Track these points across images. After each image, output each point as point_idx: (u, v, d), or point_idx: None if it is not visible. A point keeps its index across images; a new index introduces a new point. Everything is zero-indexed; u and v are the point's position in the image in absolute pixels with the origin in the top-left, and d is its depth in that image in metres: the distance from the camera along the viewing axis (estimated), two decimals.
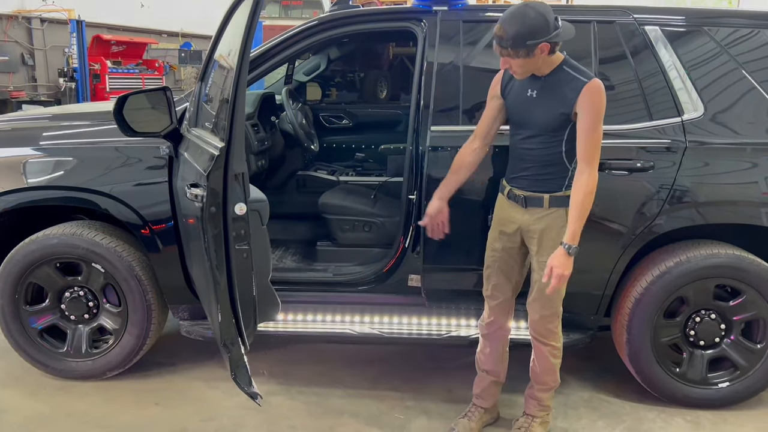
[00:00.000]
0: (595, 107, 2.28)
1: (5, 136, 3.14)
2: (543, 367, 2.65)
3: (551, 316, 2.56)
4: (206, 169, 2.08)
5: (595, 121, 2.29)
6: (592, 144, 2.30)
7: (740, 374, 2.89)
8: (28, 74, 12.39)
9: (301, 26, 2.98)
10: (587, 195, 2.31)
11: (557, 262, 2.33)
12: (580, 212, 2.32)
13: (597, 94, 2.28)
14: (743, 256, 2.79)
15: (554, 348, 2.62)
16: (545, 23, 2.23)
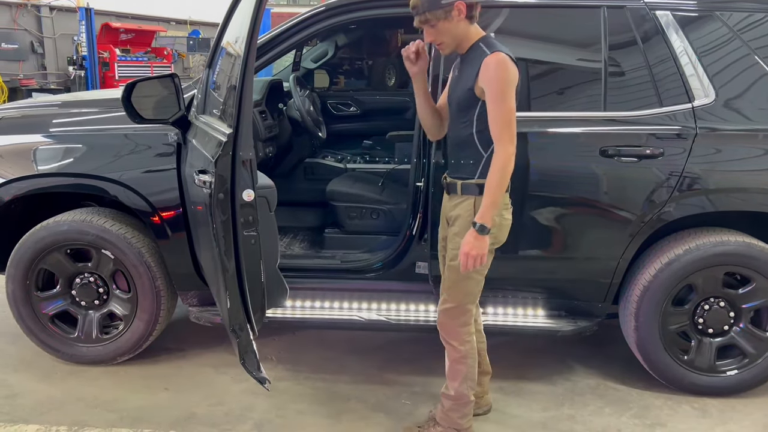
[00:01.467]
0: (495, 80, 2.15)
1: (15, 123, 3.16)
2: (448, 367, 2.51)
3: (454, 311, 2.41)
4: (214, 155, 2.08)
5: (497, 95, 2.15)
6: (499, 119, 2.16)
7: (749, 362, 2.88)
8: (37, 62, 12.44)
9: (308, 12, 2.96)
10: (496, 172, 2.17)
11: (466, 241, 2.21)
12: (489, 190, 2.18)
13: (495, 66, 2.15)
14: (753, 244, 2.77)
15: (455, 350, 2.45)
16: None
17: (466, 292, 2.39)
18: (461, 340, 2.45)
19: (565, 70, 2.90)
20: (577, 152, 2.81)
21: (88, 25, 11.37)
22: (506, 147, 2.17)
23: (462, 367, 2.47)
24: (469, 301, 2.41)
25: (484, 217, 2.19)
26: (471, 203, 2.30)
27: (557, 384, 3.06)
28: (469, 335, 2.46)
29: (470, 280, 2.36)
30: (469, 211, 2.31)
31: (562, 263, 2.92)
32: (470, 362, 2.47)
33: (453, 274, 2.37)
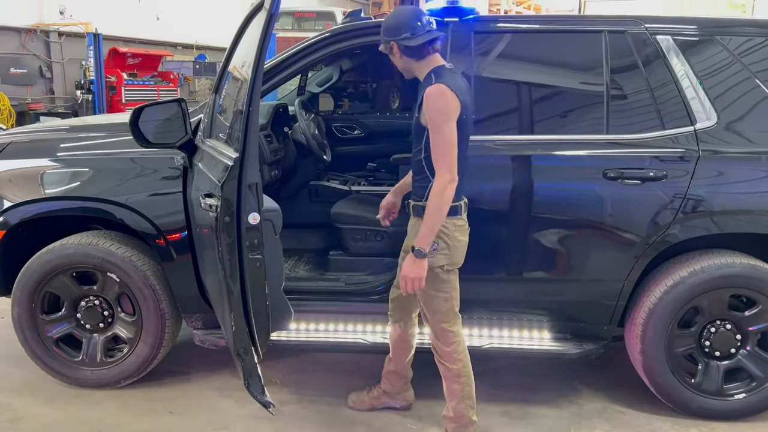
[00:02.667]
0: (434, 111, 2.26)
1: (24, 147, 3.20)
2: (445, 388, 2.60)
3: (436, 332, 2.51)
4: (221, 179, 2.10)
5: (435, 125, 2.26)
6: (436, 149, 2.27)
7: (757, 386, 2.86)
8: (45, 86, 12.58)
9: (314, 38, 3.01)
10: (433, 199, 2.27)
11: (406, 265, 2.33)
12: (427, 216, 2.29)
13: (434, 97, 2.26)
14: (758, 266, 2.77)
15: (447, 369, 2.53)
16: (396, 26, 2.36)
17: (434, 310, 2.47)
18: (452, 359, 2.52)
19: (568, 94, 2.93)
20: (581, 175, 2.83)
21: (96, 50, 11.52)
22: (443, 175, 2.26)
23: (456, 386, 2.53)
24: (440, 319, 2.48)
25: (420, 242, 2.29)
26: (416, 223, 2.43)
27: (563, 407, 3.04)
28: (459, 353, 2.52)
29: (434, 299, 2.45)
30: (413, 233, 2.44)
31: (568, 285, 2.92)
32: (464, 380, 2.52)
33: (420, 296, 2.48)
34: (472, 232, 2.83)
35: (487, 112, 2.86)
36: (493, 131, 2.88)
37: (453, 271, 2.46)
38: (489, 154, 2.82)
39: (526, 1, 21.41)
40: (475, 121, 2.83)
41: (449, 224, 2.38)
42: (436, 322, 2.50)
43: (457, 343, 2.52)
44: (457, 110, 2.28)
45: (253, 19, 2.50)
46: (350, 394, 3.01)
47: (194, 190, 2.74)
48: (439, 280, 2.44)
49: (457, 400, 2.53)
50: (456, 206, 2.38)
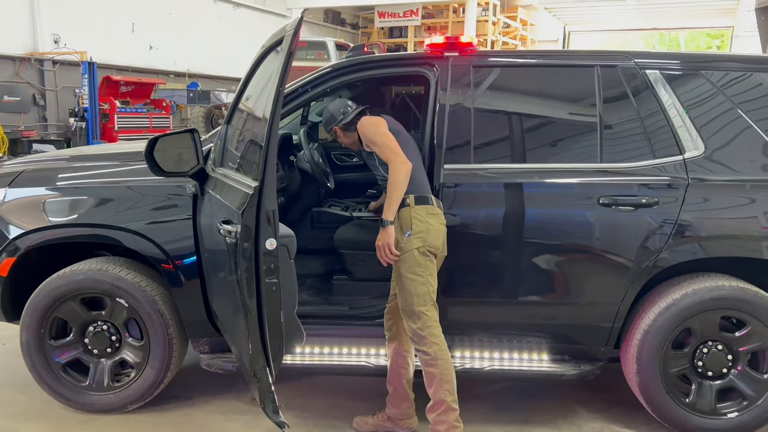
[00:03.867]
0: (363, 134, 2.85)
1: (37, 176, 3.26)
2: (424, 374, 2.77)
3: (411, 316, 2.71)
4: (240, 206, 2.20)
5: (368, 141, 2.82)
6: (380, 152, 2.76)
7: (748, 404, 2.95)
8: (38, 114, 12.64)
9: (321, 71, 3.14)
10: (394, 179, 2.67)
11: (378, 239, 2.69)
12: (388, 193, 2.69)
13: (360, 128, 2.88)
14: (747, 288, 2.89)
15: (424, 353, 2.72)
16: (330, 116, 3.00)
17: (411, 293, 2.69)
18: (427, 343, 2.69)
19: (563, 125, 3.08)
20: (577, 202, 2.96)
21: (91, 79, 11.64)
22: (395, 163, 2.68)
23: (433, 369, 2.69)
24: (417, 302, 2.69)
25: (387, 215, 2.68)
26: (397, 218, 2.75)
27: (562, 428, 3.11)
28: (435, 337, 2.70)
29: (411, 281, 2.69)
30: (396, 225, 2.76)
31: (565, 308, 3.02)
32: (441, 364, 2.69)
33: (397, 281, 2.76)
34: (473, 256, 2.94)
35: (486, 141, 2.99)
36: (494, 160, 3.01)
37: (429, 256, 2.71)
38: (490, 182, 2.94)
39: (513, 32, 21.90)
40: (476, 149, 2.98)
41: (420, 210, 2.72)
42: (413, 305, 2.69)
43: (433, 326, 2.70)
44: (377, 122, 2.83)
45: (268, 56, 2.62)
46: (355, 418, 3.07)
47: (205, 217, 2.83)
48: (415, 262, 2.68)
49: (435, 384, 2.69)
50: (424, 197, 2.75)
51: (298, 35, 2.19)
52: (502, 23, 21.02)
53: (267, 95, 2.24)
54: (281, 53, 2.23)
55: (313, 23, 21.00)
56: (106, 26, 13.82)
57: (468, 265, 2.98)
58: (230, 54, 17.08)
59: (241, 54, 17.08)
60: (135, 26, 14.52)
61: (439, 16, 21.34)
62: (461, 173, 2.97)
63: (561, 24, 24.40)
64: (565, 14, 23.38)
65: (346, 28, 22.86)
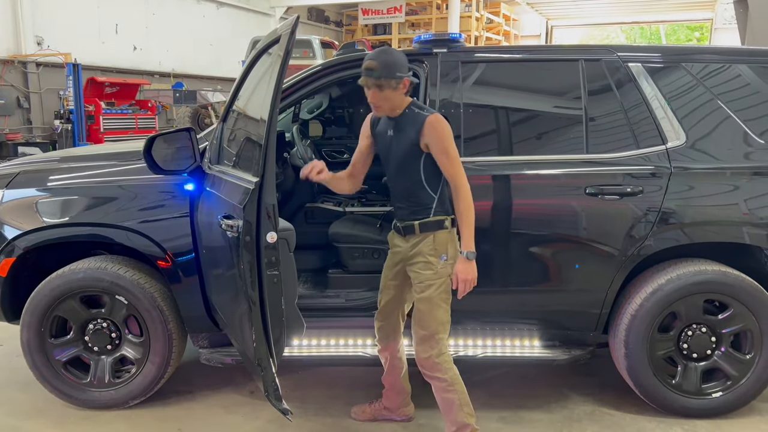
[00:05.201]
0: (441, 137, 2.52)
1: (35, 177, 3.29)
2: (440, 403, 2.69)
3: (429, 342, 2.62)
4: (241, 202, 2.26)
5: (443, 147, 2.52)
6: (450, 165, 2.53)
7: (732, 384, 3.07)
8: (23, 117, 12.55)
9: (312, 69, 3.21)
10: (467, 207, 2.52)
11: (460, 268, 2.53)
12: (466, 223, 2.53)
13: (438, 124, 2.53)
14: (729, 272, 3.00)
15: (440, 380, 2.64)
16: (406, 63, 2.56)
17: (439, 320, 2.61)
18: (443, 369, 2.63)
19: (550, 117, 3.18)
20: (565, 192, 3.05)
21: (76, 80, 11.57)
22: (465, 185, 2.53)
23: (452, 395, 2.63)
24: (442, 329, 2.62)
25: (468, 245, 2.52)
26: (430, 239, 2.60)
27: (555, 411, 3.21)
28: (449, 363, 2.65)
29: (440, 309, 2.61)
30: (430, 247, 2.60)
31: (555, 295, 3.11)
32: (459, 388, 2.64)
33: (423, 305, 2.62)
34: None
35: (475, 135, 3.08)
36: (483, 153, 3.09)
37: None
38: (479, 174, 3.02)
39: (496, 27, 22.02)
40: (465, 143, 3.06)
41: (453, 234, 2.61)
42: (436, 332, 2.62)
43: (447, 352, 2.66)
44: (452, 131, 2.57)
45: (263, 56, 2.68)
46: (353, 407, 3.14)
47: (204, 213, 2.88)
48: (447, 290, 2.62)
49: (456, 409, 2.63)
50: (455, 218, 2.60)
51: (294, 34, 2.25)
52: (485, 19, 21.13)
53: (264, 94, 2.31)
54: (279, 51, 2.30)
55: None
56: (90, 27, 13.73)
57: None
58: (215, 53, 17.04)
59: (226, 53, 17.08)
60: (119, 27, 14.43)
61: (422, 12, 21.42)
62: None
63: (543, 19, 24.58)
64: (548, 9, 23.56)
65: (330, 26, 22.85)
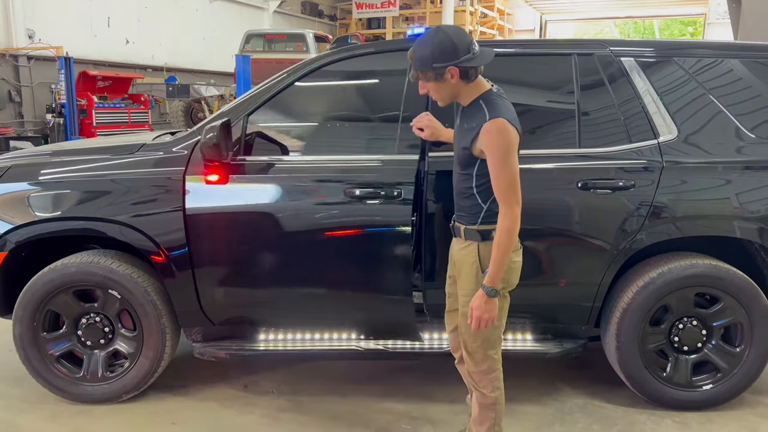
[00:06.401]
0: (495, 146, 2.17)
1: (26, 170, 3.27)
2: (476, 412, 2.51)
3: (476, 357, 2.40)
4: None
5: (498, 160, 2.18)
6: (503, 183, 2.19)
7: (722, 376, 3.10)
8: (14, 111, 12.48)
9: (305, 62, 3.20)
10: (504, 235, 2.20)
11: (475, 304, 2.24)
12: (497, 253, 2.21)
13: (495, 133, 2.17)
14: (719, 266, 3.02)
15: (483, 396, 2.44)
16: (452, 47, 2.16)
17: (484, 338, 2.38)
18: (491, 387, 2.43)
19: (543, 111, 3.18)
20: (558, 186, 3.05)
21: (68, 74, 11.50)
22: (513, 209, 2.20)
23: (491, 413, 2.46)
24: (488, 347, 2.39)
25: (493, 281, 2.22)
26: (474, 249, 2.35)
27: (547, 404, 3.23)
28: (498, 381, 2.44)
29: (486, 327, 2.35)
30: (471, 256, 2.35)
31: (547, 289, 3.12)
32: (499, 408, 2.46)
33: (465, 321, 2.36)
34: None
35: None
36: None
37: (507, 297, 2.41)
38: None
39: (490, 21, 22.02)
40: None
41: None
42: (485, 349, 2.39)
43: (499, 370, 2.44)
44: (517, 141, 2.22)
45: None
46: None
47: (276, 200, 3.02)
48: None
49: (488, 426, 2.47)
50: None
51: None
52: (479, 13, 21.13)
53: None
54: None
55: (292, 15, 20.92)
56: (82, 21, 13.66)
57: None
58: (208, 47, 16.97)
59: (219, 47, 17.01)
60: (111, 20, 14.36)
61: (416, 6, 21.41)
62: (445, 160, 3.04)
63: (537, 13, 24.61)
64: (542, 4, 23.59)
65: (324, 20, 22.79)
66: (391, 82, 3.25)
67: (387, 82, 3.35)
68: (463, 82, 2.25)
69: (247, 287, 3.14)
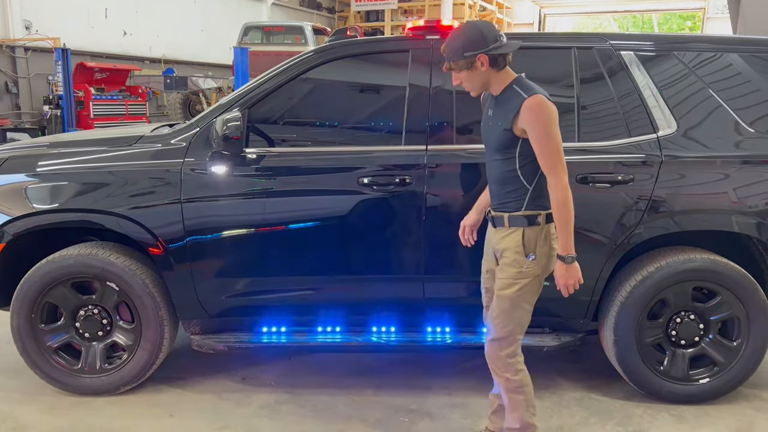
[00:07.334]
0: (537, 120, 2.28)
1: (19, 162, 3.26)
2: (506, 401, 2.54)
3: (503, 342, 2.45)
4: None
5: (543, 134, 2.28)
6: (549, 155, 2.30)
7: (719, 370, 3.11)
8: (11, 102, 12.43)
9: (303, 55, 3.18)
10: (562, 206, 2.31)
11: (558, 274, 2.37)
12: (561, 224, 2.33)
13: (537, 107, 2.28)
14: (717, 260, 3.03)
15: (508, 381, 2.48)
16: (481, 37, 2.31)
17: (517, 321, 2.44)
18: (513, 370, 2.47)
19: None
20: None
21: (65, 65, 11.45)
22: (562, 177, 2.31)
23: (520, 396, 2.49)
24: (519, 330, 2.46)
25: (567, 248, 2.33)
26: (519, 234, 2.39)
27: (544, 398, 3.24)
28: (520, 363, 2.49)
29: (520, 310, 2.43)
30: (517, 243, 2.40)
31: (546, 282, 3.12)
32: (527, 389, 2.50)
33: (504, 303, 2.42)
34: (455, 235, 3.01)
35: (468, 123, 3.07)
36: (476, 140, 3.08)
37: (541, 283, 2.46)
38: (471, 161, 3.03)
39: (489, 15, 21.95)
40: (458, 131, 3.06)
41: (547, 231, 2.40)
42: (514, 333, 2.45)
43: (520, 355, 2.50)
44: (557, 115, 2.32)
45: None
46: None
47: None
48: (531, 290, 2.42)
49: (522, 410, 2.49)
50: (551, 213, 2.38)
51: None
52: (478, 6, 21.06)
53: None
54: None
55: (290, 8, 20.84)
56: (79, 12, 13.59)
57: (451, 244, 3.06)
58: (206, 39, 16.90)
59: (217, 39, 16.94)
60: (108, 12, 14.29)
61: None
62: (444, 154, 3.05)
63: (536, 7, 24.54)
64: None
65: (323, 12, 22.71)
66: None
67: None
68: (493, 70, 2.37)
69: (242, 278, 3.14)
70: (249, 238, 3.08)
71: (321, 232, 3.06)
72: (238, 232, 3.08)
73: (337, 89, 3.35)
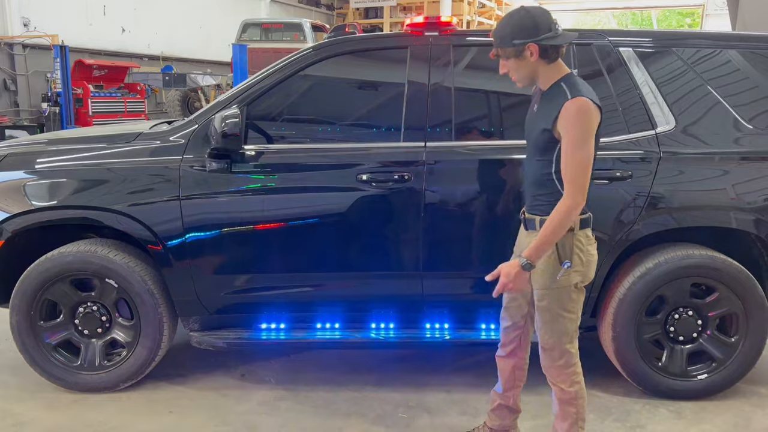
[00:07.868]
0: (574, 127, 2.12)
1: (18, 160, 3.26)
2: (557, 409, 2.45)
3: (552, 353, 2.35)
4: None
5: (575, 142, 2.13)
6: (572, 165, 2.14)
7: (717, 366, 3.12)
8: (10, 99, 12.41)
9: (301, 52, 3.18)
10: (556, 217, 2.16)
11: (506, 269, 2.22)
12: (546, 230, 2.16)
13: (574, 112, 2.12)
14: (715, 256, 3.03)
15: (562, 391, 2.38)
16: (533, 25, 2.16)
17: (560, 332, 2.32)
18: (569, 382, 2.38)
19: None
20: None
21: (63, 63, 11.43)
22: (574, 196, 2.14)
23: (572, 408, 2.40)
24: (565, 341, 2.34)
25: (531, 256, 2.17)
26: None
27: (544, 394, 3.22)
28: (577, 375, 2.39)
29: (562, 319, 2.30)
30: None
31: None
32: (580, 402, 2.41)
33: (543, 315, 2.32)
34: (456, 232, 3.01)
35: (466, 119, 3.08)
36: (475, 137, 3.10)
37: (583, 290, 2.33)
38: (470, 158, 3.03)
39: (488, 11, 21.93)
40: (457, 127, 3.06)
41: (582, 237, 2.25)
42: (562, 343, 2.34)
43: (577, 364, 2.39)
44: (596, 125, 2.18)
45: None
46: None
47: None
48: (569, 299, 2.29)
49: (570, 422, 2.41)
50: (587, 218, 2.27)
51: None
52: (477, 3, 21.03)
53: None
54: None
55: (289, 4, 20.80)
56: (77, 9, 13.56)
57: (450, 240, 3.07)
58: (205, 36, 16.87)
59: (216, 36, 16.92)
60: (106, 9, 14.26)
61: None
62: (443, 150, 3.05)
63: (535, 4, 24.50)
64: None
65: (322, 9, 22.67)
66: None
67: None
68: (542, 62, 2.21)
69: (242, 275, 3.15)
70: (248, 235, 3.08)
71: (320, 229, 3.07)
72: (236, 229, 3.08)
73: (335, 86, 3.35)
